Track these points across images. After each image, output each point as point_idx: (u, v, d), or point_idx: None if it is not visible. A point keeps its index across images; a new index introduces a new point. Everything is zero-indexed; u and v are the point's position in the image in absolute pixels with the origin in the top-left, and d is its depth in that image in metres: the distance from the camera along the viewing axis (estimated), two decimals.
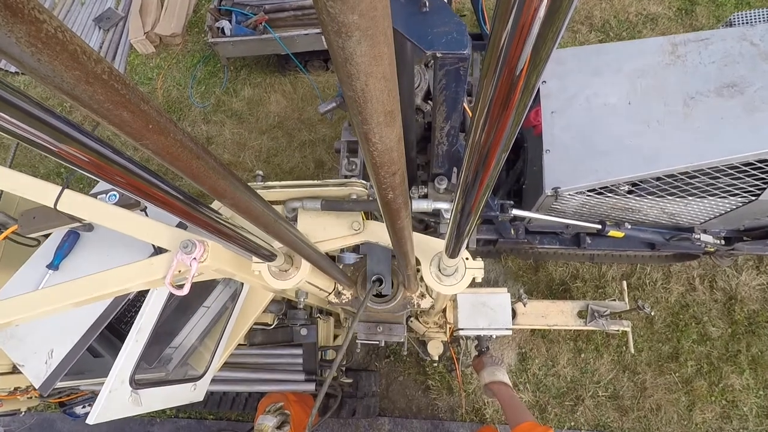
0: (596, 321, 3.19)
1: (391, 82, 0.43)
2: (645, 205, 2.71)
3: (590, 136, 2.58)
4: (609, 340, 3.55)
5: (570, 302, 3.25)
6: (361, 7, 0.31)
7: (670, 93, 2.46)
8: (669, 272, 3.71)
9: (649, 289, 3.66)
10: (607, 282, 3.72)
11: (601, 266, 3.79)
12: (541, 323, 3.23)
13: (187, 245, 1.12)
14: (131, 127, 0.43)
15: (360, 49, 0.36)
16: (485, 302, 2.15)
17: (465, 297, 2.17)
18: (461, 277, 1.27)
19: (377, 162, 0.58)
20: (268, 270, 1.25)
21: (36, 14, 0.30)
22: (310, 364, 2.31)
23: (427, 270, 1.28)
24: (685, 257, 3.55)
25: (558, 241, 3.32)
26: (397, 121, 0.51)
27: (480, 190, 0.67)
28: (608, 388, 3.43)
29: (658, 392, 3.37)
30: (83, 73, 0.35)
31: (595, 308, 3.21)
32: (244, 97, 4.67)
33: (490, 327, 2.12)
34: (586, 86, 2.68)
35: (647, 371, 3.44)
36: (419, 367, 3.60)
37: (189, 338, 1.99)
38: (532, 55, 0.38)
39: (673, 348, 3.49)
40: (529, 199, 2.97)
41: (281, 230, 0.98)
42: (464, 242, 1.10)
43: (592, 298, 3.66)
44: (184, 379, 1.88)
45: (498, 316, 2.13)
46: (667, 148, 2.38)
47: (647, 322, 3.58)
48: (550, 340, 3.59)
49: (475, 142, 0.53)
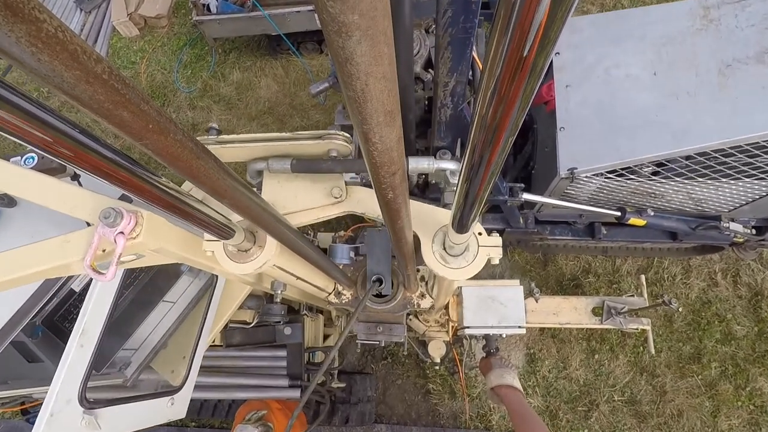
0: (613, 319, 2.91)
1: (391, 82, 0.43)
2: (670, 190, 2.43)
3: (610, 112, 2.30)
4: (625, 339, 3.27)
5: (584, 298, 2.98)
6: (361, 7, 0.31)
7: (702, 61, 2.18)
8: (688, 266, 3.44)
9: (668, 284, 3.38)
10: (621, 277, 3.45)
11: (614, 260, 3.51)
12: (552, 321, 2.95)
13: (110, 215, 0.84)
14: (131, 127, 0.43)
15: (360, 49, 0.36)
16: (494, 296, 1.87)
17: (471, 291, 1.89)
18: (473, 258, 0.99)
19: (377, 162, 0.58)
20: (223, 250, 0.97)
21: (36, 14, 0.30)
22: (295, 368, 2.04)
23: (428, 249, 1.00)
24: (707, 249, 3.27)
25: (570, 232, 3.05)
26: (397, 121, 0.51)
27: (492, 159, 0.55)
28: (625, 392, 3.16)
29: (679, 396, 3.09)
30: (83, 73, 0.35)
31: (612, 305, 2.93)
32: (233, 82, 4.39)
33: (500, 325, 1.85)
34: (605, 56, 2.41)
35: (667, 373, 3.16)
36: (419, 370, 3.32)
37: (151, 338, 1.72)
38: (546, 24, 0.34)
39: (695, 348, 3.21)
40: (539, 185, 2.69)
41: (280, 230, 0.92)
42: (477, 212, 0.82)
43: (606, 294, 3.37)
44: (158, 392, 1.59)
45: (509, 312, 1.85)
46: (699, 122, 2.11)
47: (666, 320, 3.31)
48: (560, 339, 3.31)
49: (481, 117, 0.48)
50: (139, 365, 1.68)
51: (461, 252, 0.98)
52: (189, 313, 1.81)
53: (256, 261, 0.95)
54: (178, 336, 1.82)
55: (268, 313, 1.40)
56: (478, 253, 0.99)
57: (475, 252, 0.99)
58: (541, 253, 3.59)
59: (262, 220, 0.86)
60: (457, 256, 0.99)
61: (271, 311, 1.39)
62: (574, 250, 3.52)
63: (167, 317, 1.75)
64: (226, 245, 0.97)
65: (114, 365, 1.59)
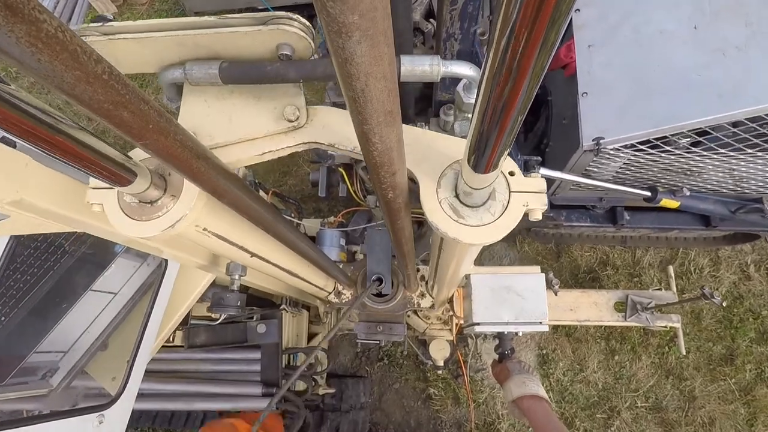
0: (638, 315, 2.58)
1: (391, 82, 0.43)
2: (709, 165, 2.10)
3: (641, 73, 1.97)
4: (648, 338, 2.94)
5: (605, 292, 2.64)
6: (361, 7, 0.31)
7: (754, 10, 1.85)
8: (717, 258, 3.10)
9: (695, 277, 3.05)
10: (643, 269, 3.11)
11: (634, 251, 3.18)
12: (569, 318, 2.62)
13: None
14: (131, 127, 0.43)
15: (360, 49, 0.35)
16: (510, 286, 1.54)
17: (482, 280, 1.56)
18: (501, 209, 0.66)
19: (377, 162, 0.57)
20: (117, 202, 0.64)
21: (36, 14, 0.29)
22: (270, 373, 1.71)
23: (432, 198, 0.67)
24: (740, 239, 2.93)
25: (589, 218, 2.72)
26: (397, 121, 0.50)
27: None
28: (649, 397, 2.83)
29: (710, 402, 2.76)
30: (83, 73, 0.35)
31: (637, 299, 2.60)
32: None
33: (517, 321, 1.51)
34: (633, 11, 2.08)
35: (696, 376, 2.83)
36: (419, 372, 2.99)
37: (85, 338, 1.38)
38: None
39: (727, 348, 2.88)
40: (556, 164, 2.35)
41: (281, 231, 0.90)
42: (510, 137, 0.50)
43: (626, 288, 3.04)
44: (75, 409, 1.24)
45: (528, 306, 1.52)
46: (752, 81, 1.78)
47: (693, 316, 2.97)
48: (576, 338, 2.98)
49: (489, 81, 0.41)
50: (68, 372, 1.34)
51: (483, 201, 0.65)
52: (136, 307, 1.48)
53: (165, 218, 0.62)
54: (123, 335, 1.48)
55: (219, 303, 1.06)
56: (509, 202, 0.66)
57: (504, 200, 0.66)
58: (554, 243, 3.26)
59: (263, 221, 0.81)
60: (476, 207, 0.66)
61: (223, 301, 1.05)
62: (590, 239, 3.19)
63: (106, 312, 1.42)
64: (122, 195, 0.64)
65: (31, 372, 1.25)
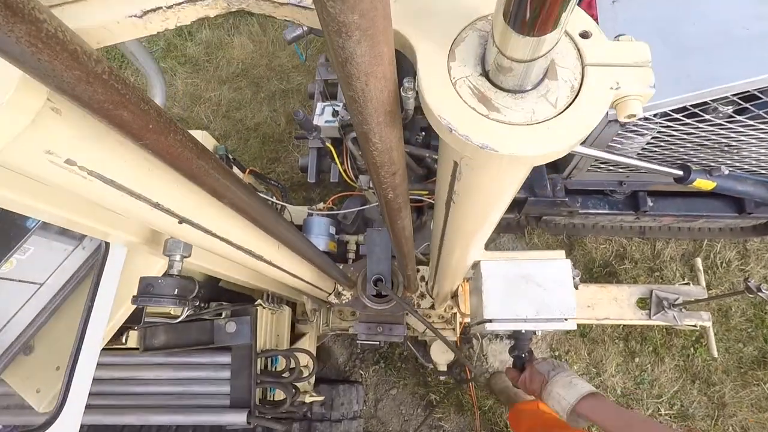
0: (664, 313, 2.30)
1: (391, 82, 0.42)
2: (753, 138, 1.82)
3: (675, 29, 1.71)
4: (671, 339, 2.66)
5: (626, 287, 2.37)
6: (361, 7, 0.31)
7: None
8: (745, 250, 2.83)
9: (722, 271, 2.78)
10: (663, 263, 2.84)
11: (654, 243, 2.90)
12: (586, 316, 2.34)
13: None
14: (131, 127, 0.42)
15: (360, 49, 0.35)
16: (529, 276, 1.26)
17: (495, 268, 1.28)
18: (570, 94, 0.39)
19: (377, 162, 0.57)
20: None
21: (36, 14, 0.29)
22: (240, 379, 1.43)
23: (438, 76, 0.40)
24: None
25: (607, 204, 2.44)
26: (397, 121, 0.50)
27: None
28: (673, 403, 2.55)
29: (742, 410, 2.49)
30: (83, 73, 0.34)
31: (663, 295, 2.32)
32: (201, 41, 3.78)
33: (538, 317, 1.24)
34: None
35: (726, 381, 2.55)
36: (418, 377, 2.71)
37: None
38: None
39: (759, 350, 2.60)
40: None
41: (281, 231, 0.93)
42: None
43: (646, 283, 2.77)
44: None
45: (551, 299, 1.25)
46: None
47: (720, 315, 2.70)
48: (592, 339, 2.70)
49: None
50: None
51: (534, 82, 0.38)
52: (68, 300, 1.20)
53: None
54: (52, 335, 1.21)
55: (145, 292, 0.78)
56: (582, 83, 0.38)
57: (573, 80, 0.38)
58: (565, 235, 2.99)
59: (263, 221, 0.83)
60: (521, 93, 0.39)
61: (152, 289, 0.77)
62: (605, 230, 2.92)
63: (29, 306, 1.14)
64: None
65: None
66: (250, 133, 3.41)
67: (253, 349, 1.48)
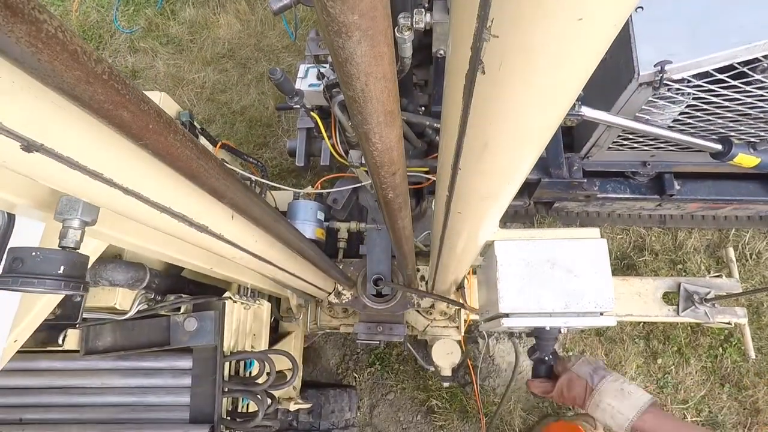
0: (695, 309, 2.05)
1: (391, 82, 0.43)
2: None
3: None
4: (697, 338, 2.42)
5: (650, 280, 2.12)
6: (361, 7, 0.31)
7: None
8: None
9: (752, 263, 2.54)
10: (687, 255, 2.59)
11: (676, 233, 2.66)
12: None
13: None
14: (131, 127, 0.42)
15: (360, 49, 0.35)
16: (556, 259, 1.01)
17: (513, 250, 1.03)
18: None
19: (377, 162, 0.57)
20: None
21: (36, 14, 0.29)
22: (204, 390, 1.19)
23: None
24: None
25: (628, 188, 2.20)
26: (397, 121, 0.51)
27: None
28: (701, 409, 2.30)
29: None
30: (83, 73, 0.34)
31: (692, 289, 2.07)
32: (185, 20, 3.53)
33: (567, 311, 0.99)
34: None
35: (758, 384, 2.31)
36: (418, 380, 2.46)
37: None
38: None
39: None
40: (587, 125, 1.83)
41: (281, 231, 0.94)
42: None
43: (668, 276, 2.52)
44: None
45: (584, 288, 1.00)
46: None
47: (751, 311, 2.45)
48: (609, 338, 2.46)
49: None
50: None
51: None
52: None
53: None
54: None
55: (10, 270, 0.54)
56: None
57: None
58: (579, 224, 2.74)
59: (263, 221, 0.83)
60: None
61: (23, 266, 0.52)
62: (621, 219, 2.67)
63: None
64: None
65: None
66: (236, 117, 3.16)
67: (219, 351, 1.23)
